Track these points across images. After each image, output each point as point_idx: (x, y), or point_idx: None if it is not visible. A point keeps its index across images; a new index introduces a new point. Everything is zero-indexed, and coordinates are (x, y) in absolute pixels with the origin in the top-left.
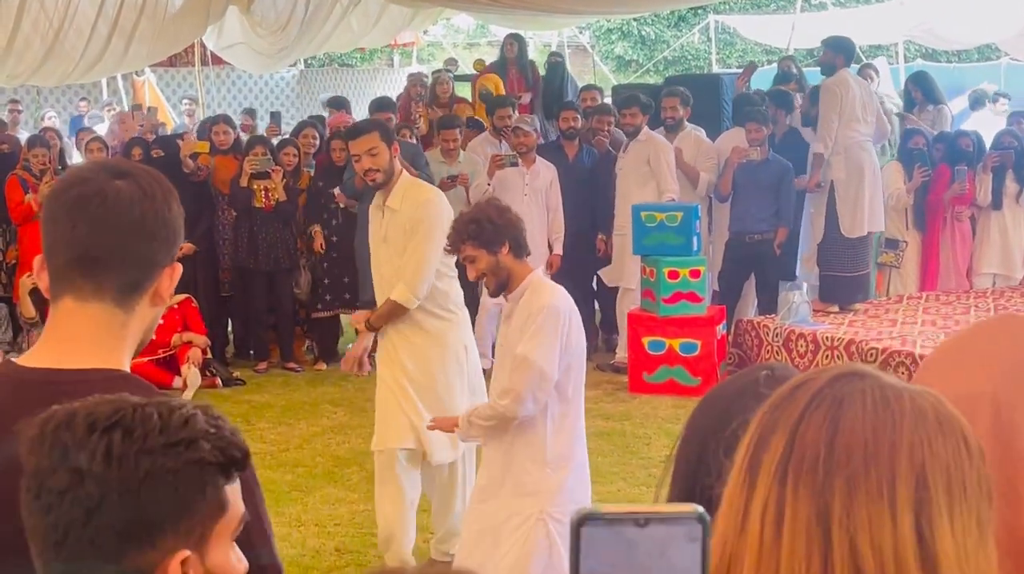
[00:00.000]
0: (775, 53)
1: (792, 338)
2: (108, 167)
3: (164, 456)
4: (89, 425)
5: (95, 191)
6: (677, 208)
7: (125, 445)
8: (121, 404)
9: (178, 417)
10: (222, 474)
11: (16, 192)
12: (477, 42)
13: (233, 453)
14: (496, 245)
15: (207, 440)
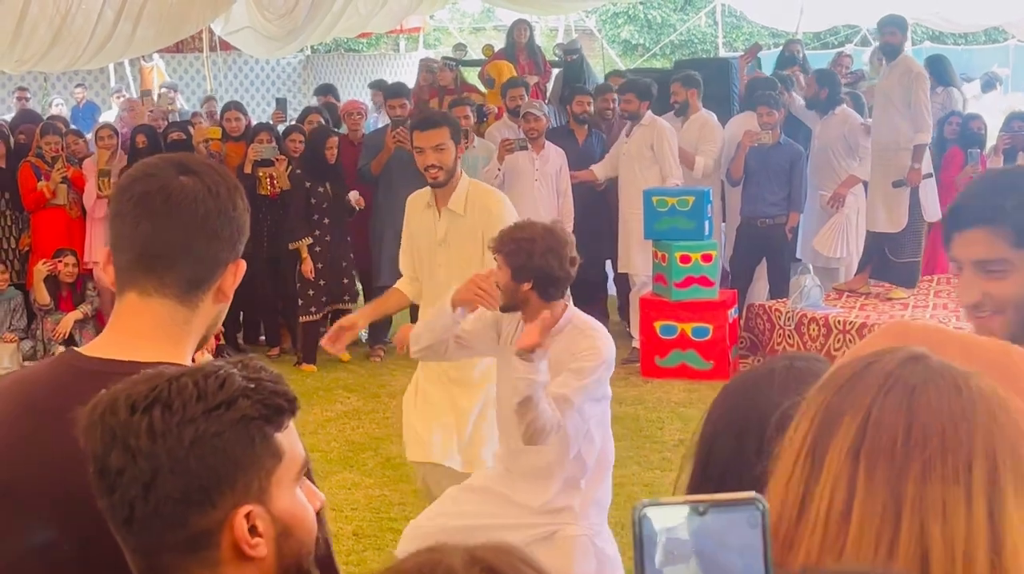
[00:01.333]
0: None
1: (804, 322)
2: (174, 163)
3: (206, 422)
4: (130, 406)
5: (160, 187)
6: (689, 192)
7: (166, 419)
8: (157, 380)
9: (214, 381)
10: (269, 425)
11: (29, 180)
12: (483, 26)
13: (277, 402)
14: (526, 277)
15: (246, 396)
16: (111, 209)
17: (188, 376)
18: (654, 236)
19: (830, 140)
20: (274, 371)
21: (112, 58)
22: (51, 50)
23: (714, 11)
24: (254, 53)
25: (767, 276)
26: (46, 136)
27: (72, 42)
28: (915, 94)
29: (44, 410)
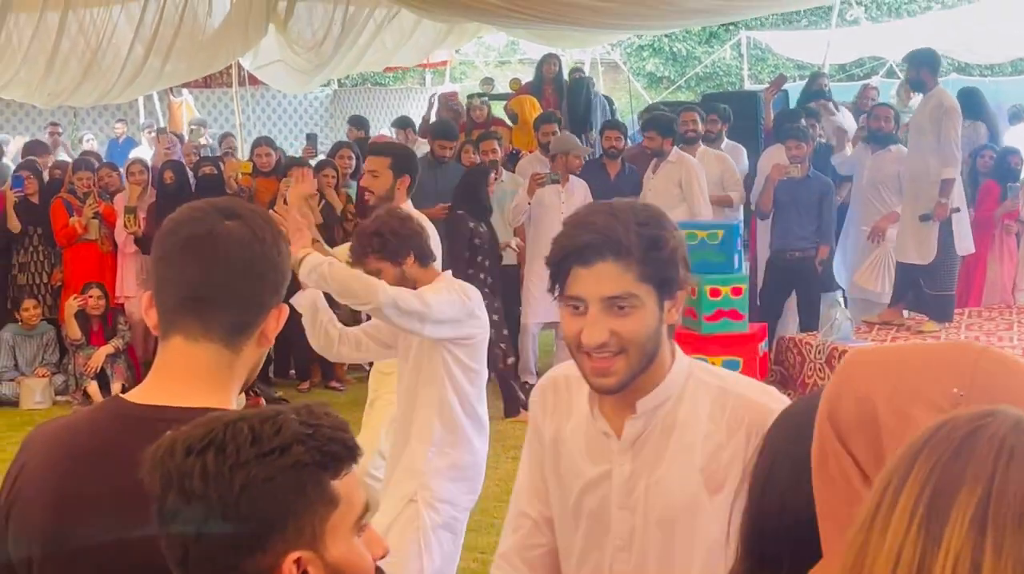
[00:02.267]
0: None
1: (835, 355)
2: (219, 207)
3: (257, 466)
4: (186, 449)
5: (206, 232)
6: (718, 226)
7: (218, 463)
8: (214, 424)
9: (270, 426)
10: (324, 471)
11: (61, 215)
12: (508, 60)
13: (333, 449)
14: (401, 256)
15: (301, 442)
16: (155, 253)
17: (245, 420)
18: None
19: (883, 176)
20: (338, 417)
21: (141, 91)
22: (82, 84)
23: (739, 44)
24: (282, 87)
25: (797, 309)
26: (78, 172)
27: (102, 76)
28: (945, 128)
29: (90, 456)
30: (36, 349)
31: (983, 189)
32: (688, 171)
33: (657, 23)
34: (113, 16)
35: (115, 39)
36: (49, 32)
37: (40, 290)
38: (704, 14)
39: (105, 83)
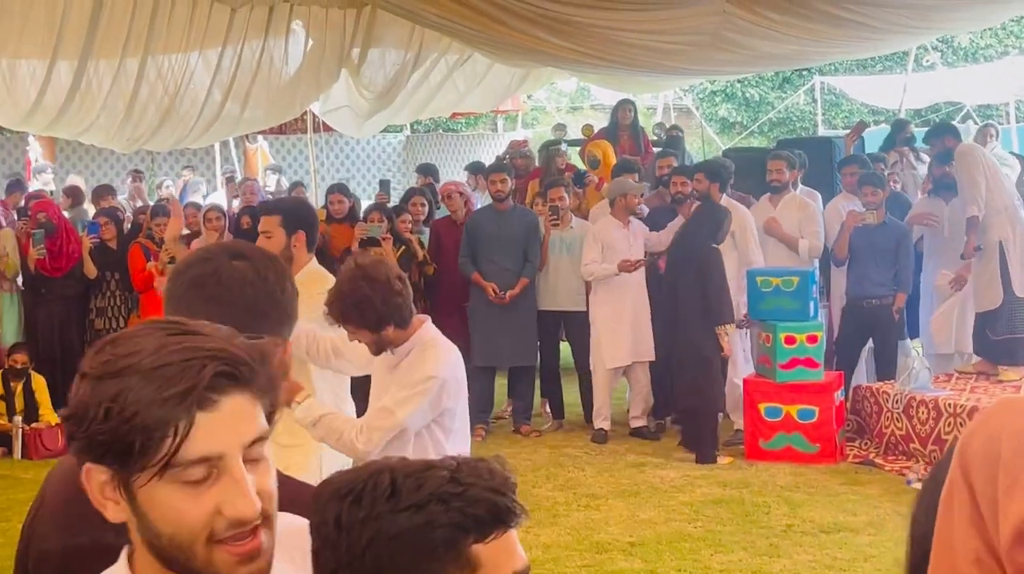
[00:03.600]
0: (882, 114)
1: (913, 404)
2: (227, 248)
3: (387, 522)
4: (333, 492)
5: (212, 271)
6: (793, 273)
7: (352, 513)
8: (363, 472)
9: (412, 481)
10: (464, 534)
11: (139, 260)
12: (580, 106)
13: (478, 512)
14: (381, 326)
15: (442, 501)
16: (165, 293)
17: (392, 471)
18: (759, 316)
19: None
20: (503, 477)
21: (219, 136)
22: (160, 129)
23: (813, 89)
24: (347, 131)
25: (873, 357)
26: (156, 218)
27: (180, 121)
28: (961, 171)
29: None
30: None
31: None
32: (741, 222)
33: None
34: (191, 62)
35: (193, 84)
36: (128, 78)
37: None
38: (778, 60)
39: (183, 128)
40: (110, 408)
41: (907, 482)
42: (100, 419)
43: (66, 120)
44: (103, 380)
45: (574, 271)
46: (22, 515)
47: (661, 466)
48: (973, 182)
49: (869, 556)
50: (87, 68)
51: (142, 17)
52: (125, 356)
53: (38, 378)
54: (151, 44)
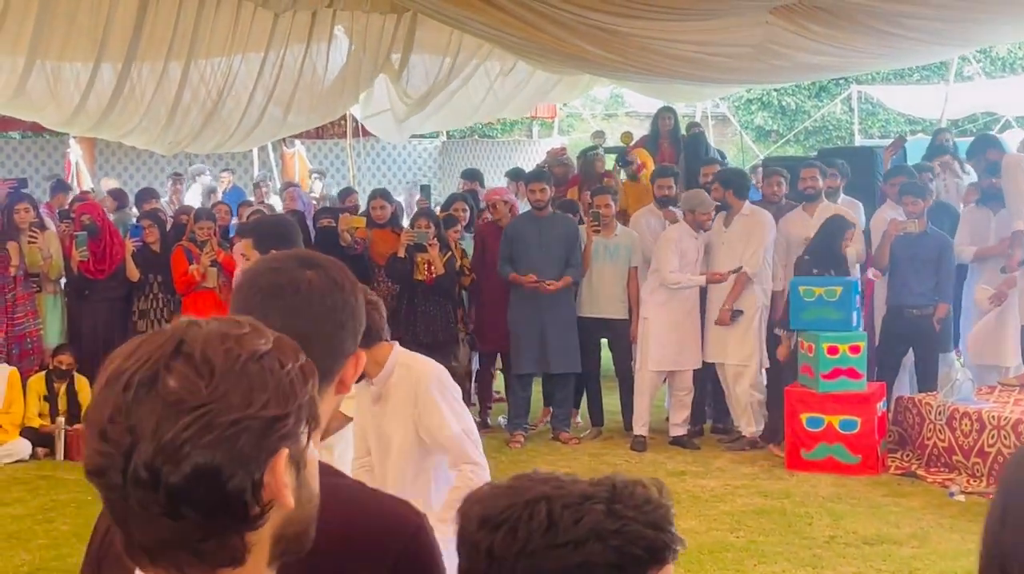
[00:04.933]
0: (919, 123)
1: (956, 416)
2: (298, 257)
3: (543, 558)
4: (482, 518)
5: (288, 281)
6: (836, 282)
7: (505, 545)
8: (516, 499)
9: (571, 514)
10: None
11: (181, 263)
12: (615, 113)
13: (635, 551)
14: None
15: (601, 539)
16: (236, 301)
17: (549, 502)
18: (801, 326)
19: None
20: (661, 505)
21: (262, 140)
22: (202, 132)
23: (849, 98)
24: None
25: (914, 367)
26: (200, 221)
27: (222, 125)
28: (1007, 183)
29: None
30: None
31: None
32: (758, 225)
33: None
34: (234, 67)
35: (236, 88)
36: (172, 82)
37: None
38: (817, 70)
39: (224, 131)
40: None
41: (950, 494)
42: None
43: (109, 122)
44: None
45: (617, 278)
46: (65, 516)
47: (701, 475)
48: (1020, 195)
49: (914, 569)
50: (131, 71)
51: (186, 21)
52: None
53: (81, 379)
54: (195, 48)
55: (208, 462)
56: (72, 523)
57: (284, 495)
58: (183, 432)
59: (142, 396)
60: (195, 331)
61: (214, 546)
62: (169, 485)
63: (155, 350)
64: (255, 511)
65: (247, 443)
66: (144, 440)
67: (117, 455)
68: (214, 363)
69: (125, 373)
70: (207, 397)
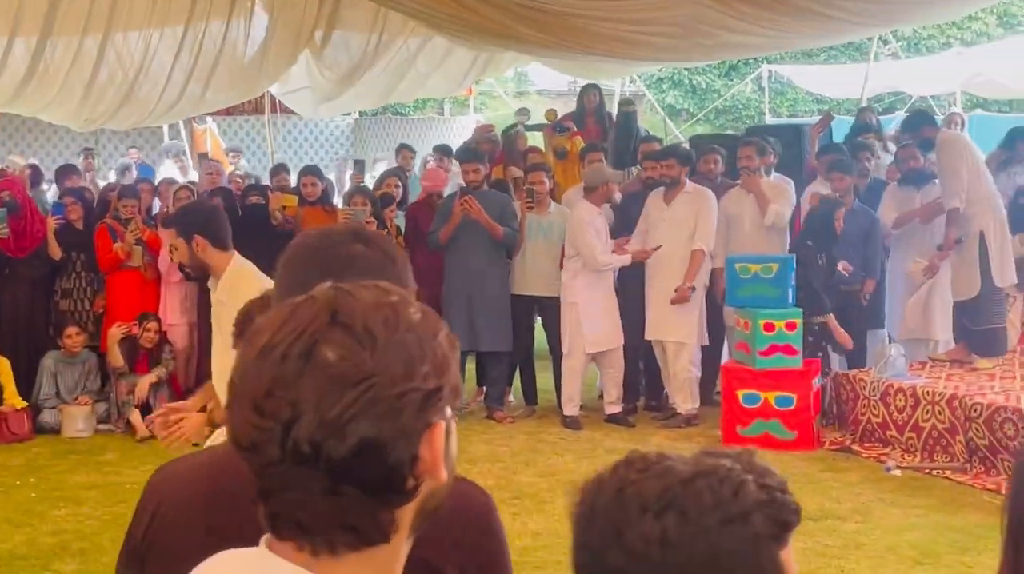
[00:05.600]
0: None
1: (890, 392)
2: (348, 232)
3: (719, 535)
4: (640, 505)
5: (344, 254)
6: (772, 259)
7: (680, 528)
8: (668, 480)
9: (728, 488)
10: (776, 543)
11: (106, 241)
12: (526, 91)
13: (787, 517)
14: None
15: (760, 510)
16: (285, 277)
17: (701, 479)
18: (737, 303)
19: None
20: (779, 475)
21: (180, 116)
22: (120, 109)
23: (759, 77)
24: (307, 114)
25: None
26: (124, 199)
27: (140, 102)
28: (942, 162)
29: (237, 499)
30: (78, 376)
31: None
32: (705, 203)
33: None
34: (152, 41)
35: (154, 65)
36: (88, 58)
37: (83, 317)
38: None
39: (143, 108)
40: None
41: (886, 469)
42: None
43: (23, 98)
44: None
45: (550, 256)
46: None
47: None
48: (956, 174)
49: (860, 543)
50: (46, 46)
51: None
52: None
53: (2, 361)
54: (113, 22)
55: (373, 436)
56: (2, 508)
57: (439, 469)
58: (349, 406)
59: (302, 368)
60: (347, 300)
61: (368, 522)
62: (332, 460)
63: (309, 320)
64: (411, 485)
65: (410, 416)
66: (307, 414)
67: (276, 429)
68: (375, 333)
69: (280, 344)
70: (371, 369)
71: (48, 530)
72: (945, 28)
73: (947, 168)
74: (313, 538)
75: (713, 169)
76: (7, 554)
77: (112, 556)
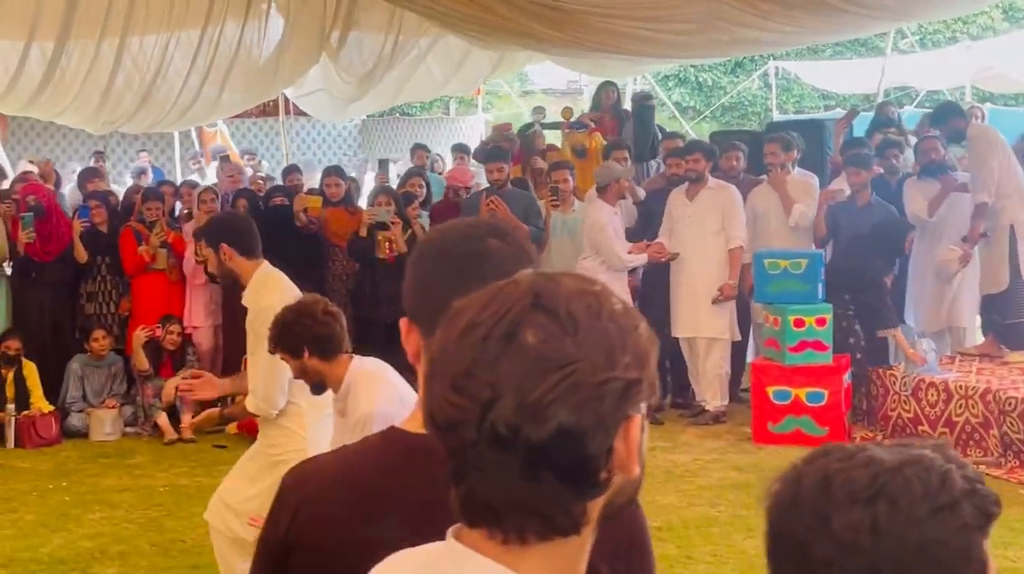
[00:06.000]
0: (832, 98)
1: (922, 387)
2: (483, 227)
3: (930, 525)
4: (849, 493)
5: (482, 251)
6: (802, 255)
7: (891, 517)
8: (876, 468)
9: (936, 477)
10: (982, 534)
11: (130, 244)
12: (532, 90)
13: (991, 508)
14: (298, 352)
15: (967, 500)
16: (419, 275)
17: (908, 467)
18: (766, 299)
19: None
20: (972, 467)
21: (197, 120)
22: (137, 112)
23: (766, 74)
24: (324, 116)
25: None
26: (148, 202)
27: (156, 105)
28: (974, 156)
29: (384, 496)
30: (104, 380)
31: None
32: (730, 198)
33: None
34: (170, 46)
35: (171, 68)
36: (106, 63)
37: (108, 319)
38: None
39: (159, 111)
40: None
41: None
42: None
43: (41, 102)
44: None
45: (576, 253)
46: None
47: (670, 450)
48: (987, 167)
49: None
50: (64, 51)
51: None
52: None
53: (29, 365)
54: (129, 26)
55: (572, 423)
56: (37, 512)
57: (633, 463)
58: (550, 391)
59: (503, 349)
60: (550, 285)
61: (560, 511)
62: (529, 444)
63: (512, 302)
64: (604, 477)
65: (609, 406)
66: (506, 396)
67: (474, 409)
68: (578, 319)
69: (482, 325)
70: (574, 354)
71: (85, 534)
72: (951, 23)
73: (978, 161)
74: (504, 525)
75: (735, 166)
76: (47, 557)
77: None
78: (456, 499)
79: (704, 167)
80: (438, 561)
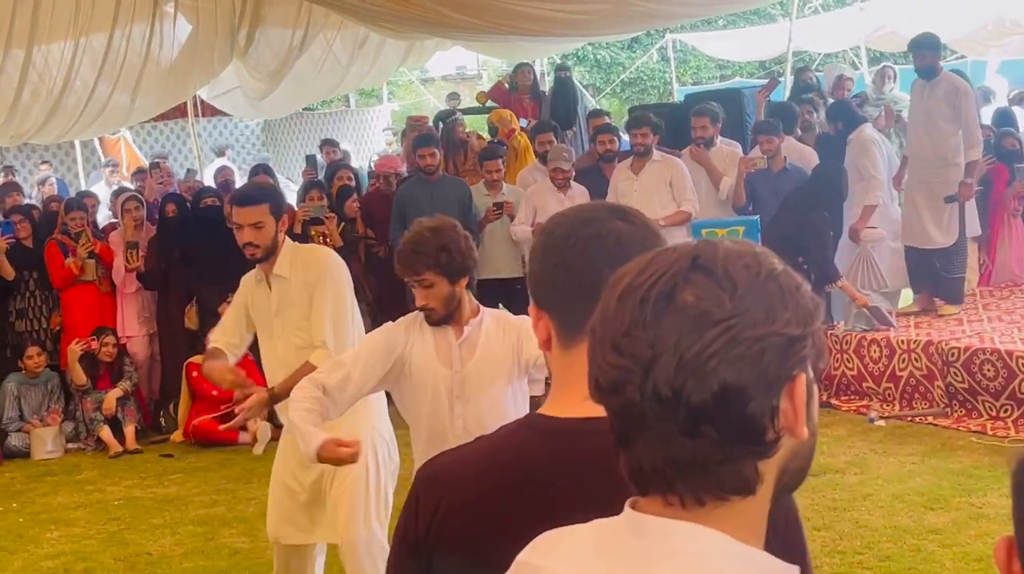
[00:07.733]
0: (728, 67)
1: (864, 344)
2: (605, 208)
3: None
4: None
5: (609, 231)
6: (738, 223)
7: None
8: None
9: None
10: None
11: (56, 257)
12: (432, 77)
13: None
14: (459, 276)
15: None
16: (545, 260)
17: None
18: None
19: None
20: None
21: (110, 127)
22: (46, 123)
23: (664, 47)
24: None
25: None
26: (71, 212)
27: (65, 116)
28: (965, 111)
29: (522, 476)
30: (42, 397)
31: (993, 171)
32: (679, 170)
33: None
34: (78, 51)
35: (78, 77)
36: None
37: (40, 336)
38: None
39: (68, 120)
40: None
41: (869, 420)
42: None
43: None
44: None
45: (508, 235)
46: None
47: None
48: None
49: (865, 494)
50: None
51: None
52: None
53: None
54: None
55: (733, 380)
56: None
57: (799, 424)
58: (708, 346)
59: (661, 309)
60: (710, 248)
61: (729, 470)
62: (691, 404)
63: (670, 265)
64: (771, 437)
65: (771, 361)
66: (666, 354)
67: (636, 370)
68: (735, 278)
69: (640, 287)
70: (732, 310)
71: (45, 554)
72: None
73: (969, 116)
74: (677, 489)
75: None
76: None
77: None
78: (625, 467)
79: (652, 141)
80: (616, 533)
